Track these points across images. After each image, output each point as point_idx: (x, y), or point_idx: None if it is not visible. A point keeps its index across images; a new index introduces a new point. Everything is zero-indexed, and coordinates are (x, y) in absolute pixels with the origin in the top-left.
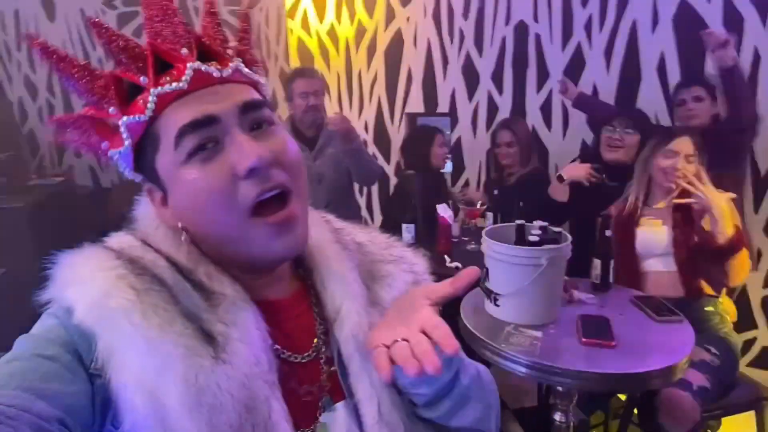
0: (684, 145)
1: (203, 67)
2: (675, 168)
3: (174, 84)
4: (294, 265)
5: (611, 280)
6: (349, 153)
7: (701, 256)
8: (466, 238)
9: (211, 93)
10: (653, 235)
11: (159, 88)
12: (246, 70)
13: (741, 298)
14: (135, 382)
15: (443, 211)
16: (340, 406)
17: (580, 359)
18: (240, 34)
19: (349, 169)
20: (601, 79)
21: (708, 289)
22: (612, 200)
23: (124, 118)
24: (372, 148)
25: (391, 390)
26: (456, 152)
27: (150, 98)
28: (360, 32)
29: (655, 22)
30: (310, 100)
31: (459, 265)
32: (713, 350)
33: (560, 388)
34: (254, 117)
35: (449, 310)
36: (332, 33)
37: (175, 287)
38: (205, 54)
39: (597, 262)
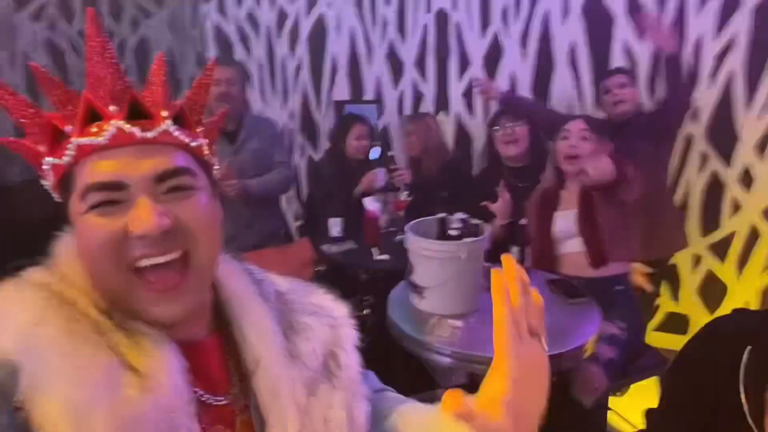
0: (576, 124)
1: (126, 127)
2: (570, 146)
3: (94, 138)
4: (213, 309)
5: (527, 264)
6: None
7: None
8: (394, 229)
9: (131, 153)
10: (567, 218)
11: (80, 139)
12: (176, 132)
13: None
14: (60, 414)
15: (370, 203)
16: None
17: None
18: (188, 93)
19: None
20: (518, 67)
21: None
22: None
23: (48, 158)
24: (299, 137)
25: None
26: (384, 140)
27: (70, 146)
28: (281, 18)
29: (565, 12)
30: (221, 87)
31: (387, 257)
32: (621, 324)
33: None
34: (170, 184)
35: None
36: (252, 19)
37: (99, 322)
38: (138, 112)
39: (515, 249)
